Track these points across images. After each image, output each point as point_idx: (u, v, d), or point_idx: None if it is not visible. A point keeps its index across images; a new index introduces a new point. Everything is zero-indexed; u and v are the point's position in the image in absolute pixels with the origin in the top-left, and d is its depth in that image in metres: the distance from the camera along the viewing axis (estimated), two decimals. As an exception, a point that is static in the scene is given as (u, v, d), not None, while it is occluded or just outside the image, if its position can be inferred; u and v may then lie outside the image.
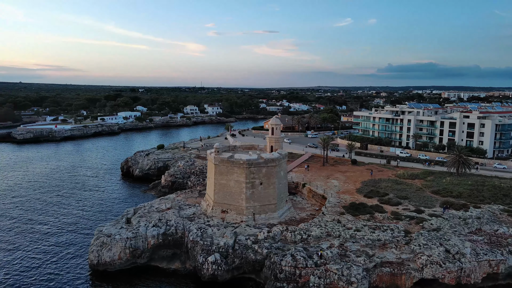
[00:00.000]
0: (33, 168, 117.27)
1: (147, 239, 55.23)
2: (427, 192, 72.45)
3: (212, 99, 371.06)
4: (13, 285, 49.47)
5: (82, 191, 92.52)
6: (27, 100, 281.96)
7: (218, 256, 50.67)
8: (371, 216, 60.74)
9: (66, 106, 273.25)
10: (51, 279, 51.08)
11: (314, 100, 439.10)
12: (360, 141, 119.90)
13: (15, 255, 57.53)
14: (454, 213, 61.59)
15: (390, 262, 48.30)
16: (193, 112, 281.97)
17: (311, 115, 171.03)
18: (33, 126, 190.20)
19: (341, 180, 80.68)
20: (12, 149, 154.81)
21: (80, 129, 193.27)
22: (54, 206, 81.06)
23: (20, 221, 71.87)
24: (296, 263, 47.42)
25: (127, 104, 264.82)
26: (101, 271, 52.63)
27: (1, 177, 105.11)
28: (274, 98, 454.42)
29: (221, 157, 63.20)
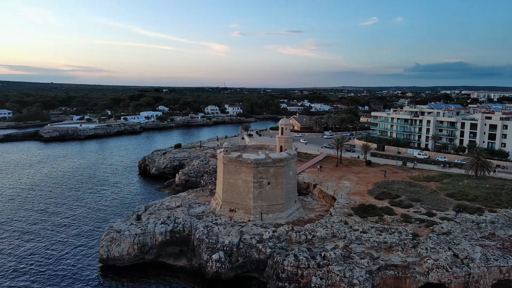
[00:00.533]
0: (57, 165, 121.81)
1: (155, 236, 56.53)
2: (442, 195, 70.57)
3: (233, 99, 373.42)
4: (26, 273, 51.75)
5: (100, 188, 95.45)
6: (56, 100, 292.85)
7: (222, 254, 51.29)
8: (380, 218, 59.83)
9: (92, 106, 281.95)
10: (62, 269, 53.17)
11: (336, 100, 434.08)
12: (377, 142, 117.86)
13: (32, 245, 60.14)
14: (467, 217, 59.79)
15: (395, 265, 47.47)
16: (214, 112, 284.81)
17: (329, 115, 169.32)
18: (59, 125, 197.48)
19: (353, 181, 79.74)
20: (39, 146, 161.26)
21: (103, 128, 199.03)
22: (73, 201, 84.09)
23: (40, 214, 74.98)
24: (299, 263, 47.42)
25: (149, 104, 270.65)
26: (110, 265, 54.28)
27: (27, 173, 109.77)
28: (296, 98, 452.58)
29: (229, 157, 63.84)
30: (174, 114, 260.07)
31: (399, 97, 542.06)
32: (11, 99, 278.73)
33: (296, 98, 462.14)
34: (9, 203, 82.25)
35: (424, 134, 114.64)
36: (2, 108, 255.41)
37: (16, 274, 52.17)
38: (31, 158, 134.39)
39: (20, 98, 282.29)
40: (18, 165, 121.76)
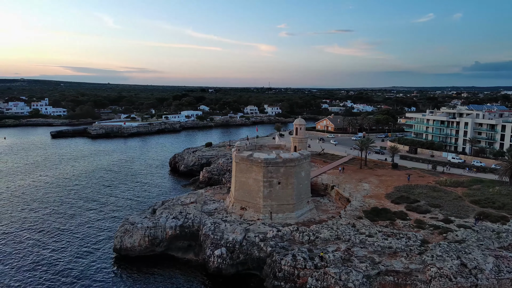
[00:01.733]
0: (97, 160, 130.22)
1: (166, 229, 59.09)
2: (466, 202, 66.67)
3: (274, 99, 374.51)
4: (49, 250, 56.45)
5: (131, 182, 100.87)
6: (106, 99, 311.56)
7: (224, 251, 52.55)
8: (391, 222, 57.93)
9: (138, 105, 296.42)
10: (81, 255, 57.34)
11: (381, 101, 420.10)
12: (409, 145, 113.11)
13: (57, 233, 65.28)
14: (488, 226, 56.17)
15: (396, 271, 45.94)
16: (253, 112, 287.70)
17: (364, 116, 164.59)
18: (105, 122, 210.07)
19: (373, 184, 77.58)
20: (86, 142, 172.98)
21: (145, 126, 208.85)
22: (104, 194, 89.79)
23: (72, 205, 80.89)
24: (296, 263, 47.45)
25: (190, 103, 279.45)
26: (123, 255, 57.61)
27: (70, 166, 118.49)
28: (339, 99, 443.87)
29: (241, 155, 64.98)
30: (214, 114, 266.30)
31: (453, 97, 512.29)
32: (67, 99, 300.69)
33: (339, 98, 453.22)
34: (49, 192, 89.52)
35: (461, 137, 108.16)
36: (59, 106, 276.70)
37: (39, 249, 57.04)
38: (76, 153, 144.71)
39: (75, 98, 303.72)
40: (64, 159, 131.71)
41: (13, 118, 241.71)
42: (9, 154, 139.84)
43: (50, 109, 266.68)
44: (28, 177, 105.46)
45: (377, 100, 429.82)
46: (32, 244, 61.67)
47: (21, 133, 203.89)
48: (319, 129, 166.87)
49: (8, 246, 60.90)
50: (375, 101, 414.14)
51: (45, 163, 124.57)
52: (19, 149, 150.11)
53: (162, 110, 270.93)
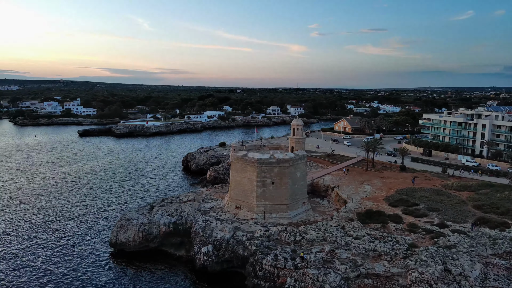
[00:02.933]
0: (117, 158, 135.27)
1: (160, 226, 60.87)
2: (468, 206, 64.23)
3: (298, 100, 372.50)
4: (51, 237, 59.65)
5: (144, 179, 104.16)
6: (134, 100, 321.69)
7: (211, 248, 53.56)
8: (383, 225, 56.82)
9: (164, 105, 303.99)
10: (80, 246, 60.18)
11: (410, 101, 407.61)
12: (424, 147, 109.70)
13: (62, 224, 68.68)
14: (486, 231, 53.97)
15: (377, 274, 45.24)
16: (275, 112, 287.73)
17: (382, 117, 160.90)
18: (129, 122, 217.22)
19: (375, 186, 76.15)
20: (109, 141, 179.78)
21: (167, 126, 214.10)
22: (117, 189, 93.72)
23: (83, 199, 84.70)
24: (276, 263, 47.73)
25: (213, 104, 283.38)
26: (118, 249, 59.90)
27: (90, 163, 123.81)
28: (366, 99, 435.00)
29: (236, 155, 65.81)
30: (236, 114, 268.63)
31: (490, 98, 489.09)
32: (97, 99, 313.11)
33: (366, 99, 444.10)
34: (65, 186, 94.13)
35: (479, 139, 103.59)
36: (89, 106, 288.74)
37: (44, 234, 60.38)
38: (99, 150, 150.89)
39: (105, 98, 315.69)
40: (86, 156, 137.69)
41: (46, 117, 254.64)
42: (37, 151, 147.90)
43: (81, 109, 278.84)
44: (49, 172, 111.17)
45: (407, 101, 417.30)
46: (38, 229, 65.26)
47: (52, 131, 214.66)
48: (337, 130, 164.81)
49: (23, 232, 64.87)
50: (404, 102, 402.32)
51: (68, 160, 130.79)
52: (47, 147, 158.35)
53: (186, 110, 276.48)
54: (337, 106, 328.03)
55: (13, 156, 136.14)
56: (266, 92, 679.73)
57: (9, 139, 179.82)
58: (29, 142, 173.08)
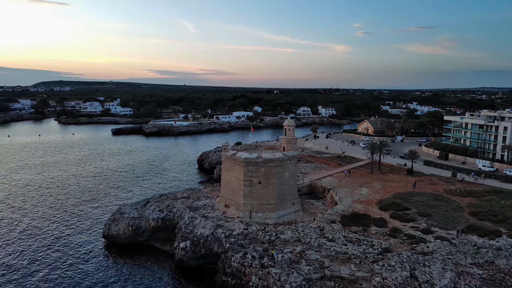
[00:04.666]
0: (141, 155, 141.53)
1: (149, 221, 63.56)
2: (464, 213, 61.05)
3: (333, 100, 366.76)
4: (55, 226, 64.29)
5: (158, 176, 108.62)
6: (169, 100, 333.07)
7: (189, 244, 55.24)
8: (364, 228, 55.64)
9: (197, 106, 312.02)
10: (77, 237, 64.30)
11: (454, 102, 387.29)
12: (441, 149, 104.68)
13: (70, 213, 73.55)
14: (473, 239, 51.31)
15: (341, 277, 44.59)
16: (305, 113, 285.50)
17: (406, 119, 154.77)
18: (159, 121, 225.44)
19: (373, 189, 74.26)
20: (138, 139, 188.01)
21: (195, 125, 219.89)
22: (131, 184, 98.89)
23: (98, 192, 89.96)
24: (244, 261, 48.43)
25: (243, 104, 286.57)
26: (110, 241, 63.34)
27: (115, 160, 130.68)
28: (404, 100, 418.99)
29: (225, 154, 67.15)
30: (266, 115, 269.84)
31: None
32: (135, 99, 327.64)
33: (405, 100, 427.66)
34: (84, 180, 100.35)
35: (500, 143, 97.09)
36: (126, 106, 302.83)
37: (48, 223, 65.22)
38: (127, 148, 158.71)
39: (142, 98, 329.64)
40: (113, 153, 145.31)
41: (86, 116, 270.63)
42: (71, 147, 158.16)
43: (119, 109, 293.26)
44: (74, 167, 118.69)
45: (449, 102, 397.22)
46: (43, 217, 70.48)
47: (89, 129, 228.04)
48: (360, 132, 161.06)
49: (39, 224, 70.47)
50: (447, 103, 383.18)
51: (95, 156, 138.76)
52: (81, 144, 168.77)
53: (217, 110, 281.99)
54: (371, 107, 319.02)
55: (48, 152, 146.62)
56: (304, 93, 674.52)
57: (50, 136, 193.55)
58: (66, 139, 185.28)
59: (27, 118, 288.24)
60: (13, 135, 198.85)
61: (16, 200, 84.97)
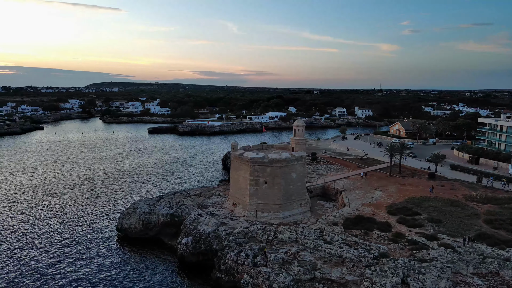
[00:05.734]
0: (170, 153, 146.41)
1: (158, 216, 66.07)
2: (480, 220, 57.66)
3: (370, 101, 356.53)
4: (75, 217, 68.74)
5: (182, 174, 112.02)
6: (206, 101, 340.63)
7: (191, 240, 56.84)
8: (366, 232, 54.37)
9: (232, 106, 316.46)
10: (93, 229, 68.26)
11: (506, 103, 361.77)
12: (472, 153, 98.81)
13: (99, 207, 78.10)
14: (480, 248, 48.54)
15: (331, 280, 44.01)
16: (341, 114, 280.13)
17: (440, 120, 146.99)
18: (192, 121, 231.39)
19: (387, 193, 72.02)
20: (172, 138, 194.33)
21: (228, 125, 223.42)
22: (154, 181, 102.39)
23: (125, 188, 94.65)
24: (237, 259, 49.13)
25: (277, 105, 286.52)
26: (123, 234, 66.58)
27: (144, 157, 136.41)
28: (450, 101, 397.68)
29: (234, 154, 68.19)
30: (300, 115, 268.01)
31: None
32: (173, 99, 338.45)
33: (451, 101, 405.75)
34: (109, 177, 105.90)
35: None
36: (165, 106, 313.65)
37: (68, 212, 69.86)
38: (159, 146, 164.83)
39: (180, 99, 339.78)
40: (145, 151, 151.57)
41: (127, 115, 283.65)
42: (108, 145, 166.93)
43: (158, 109, 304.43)
44: (104, 164, 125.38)
45: (501, 103, 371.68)
46: (62, 208, 75.45)
47: (129, 128, 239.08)
48: (392, 134, 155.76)
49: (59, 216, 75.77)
50: (497, 104, 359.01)
51: (128, 153, 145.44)
52: (119, 142, 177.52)
53: (251, 111, 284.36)
54: (412, 108, 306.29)
55: (87, 149, 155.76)
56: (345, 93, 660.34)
57: (92, 134, 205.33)
58: (106, 137, 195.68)
59: (75, 117, 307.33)
60: (59, 132, 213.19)
61: (49, 190, 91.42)
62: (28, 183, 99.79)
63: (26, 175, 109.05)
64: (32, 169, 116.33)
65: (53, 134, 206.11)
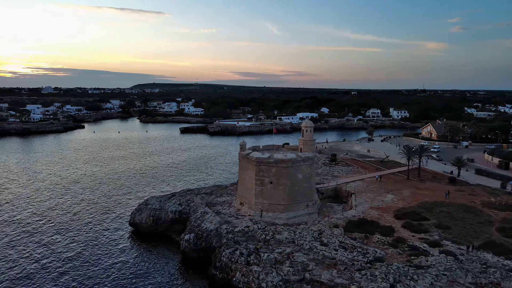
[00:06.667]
0: (197, 152, 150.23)
1: (167, 213, 68.27)
2: (492, 228, 54.47)
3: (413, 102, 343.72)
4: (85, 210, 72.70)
5: (201, 172, 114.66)
6: (239, 101, 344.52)
7: (193, 236, 58.33)
8: (366, 236, 53.11)
9: (265, 107, 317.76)
10: (108, 223, 71.79)
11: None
12: (503, 158, 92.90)
13: (120, 202, 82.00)
14: (485, 257, 45.96)
15: (320, 282, 43.63)
16: (375, 115, 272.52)
17: (474, 122, 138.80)
18: (223, 121, 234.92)
19: (400, 197, 69.69)
20: (202, 138, 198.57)
21: (257, 126, 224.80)
22: (173, 178, 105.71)
23: (147, 184, 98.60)
24: (232, 257, 49.85)
25: (309, 105, 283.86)
26: (135, 229, 69.46)
27: (171, 155, 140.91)
28: (497, 103, 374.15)
29: (241, 153, 68.98)
30: (332, 116, 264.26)
31: None
32: (208, 100, 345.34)
33: (498, 102, 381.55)
34: (132, 174, 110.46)
35: None
36: (199, 107, 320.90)
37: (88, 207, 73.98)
38: (187, 145, 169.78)
39: (214, 100, 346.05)
40: (173, 150, 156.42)
41: (163, 115, 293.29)
42: (140, 143, 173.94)
43: (192, 109, 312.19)
44: (134, 161, 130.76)
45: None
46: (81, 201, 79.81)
47: (163, 127, 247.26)
48: (423, 136, 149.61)
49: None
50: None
51: (157, 152, 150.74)
52: (150, 140, 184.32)
53: (283, 111, 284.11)
54: (453, 109, 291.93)
55: (119, 147, 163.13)
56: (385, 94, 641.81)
57: (127, 133, 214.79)
58: (140, 136, 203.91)
59: (115, 116, 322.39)
60: (98, 131, 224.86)
61: (75, 186, 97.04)
62: (60, 178, 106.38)
63: (59, 170, 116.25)
64: (66, 165, 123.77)
65: (92, 132, 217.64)
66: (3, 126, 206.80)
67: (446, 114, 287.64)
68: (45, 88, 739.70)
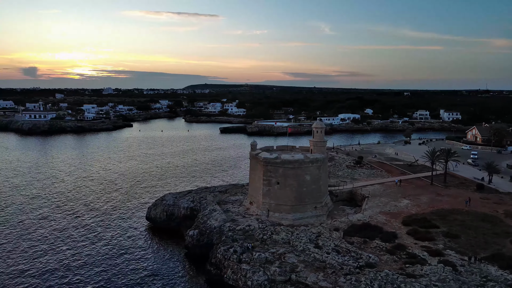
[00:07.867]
0: (229, 151, 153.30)
1: (180, 209, 70.94)
2: (507, 240, 50.33)
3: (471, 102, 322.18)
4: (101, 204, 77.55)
5: (230, 172, 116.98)
6: (281, 102, 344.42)
7: (196, 232, 60.18)
8: (365, 241, 51.58)
9: (307, 107, 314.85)
10: (126, 217, 76.07)
11: None
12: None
13: (143, 198, 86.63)
14: (487, 270, 42.83)
15: (306, 284, 43.37)
16: (422, 117, 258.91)
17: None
18: (261, 122, 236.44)
19: (416, 202, 66.46)
20: (239, 138, 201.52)
21: (295, 127, 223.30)
22: (198, 176, 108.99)
23: (173, 181, 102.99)
24: (225, 254, 50.90)
25: (352, 106, 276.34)
26: (150, 223, 72.97)
27: (203, 155, 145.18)
28: None
29: (252, 153, 69.73)
30: (375, 118, 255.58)
31: None
32: (250, 101, 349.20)
33: None
34: (160, 171, 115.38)
35: None
36: (241, 107, 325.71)
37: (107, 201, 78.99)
38: (221, 144, 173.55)
39: (257, 100, 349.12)
40: (206, 149, 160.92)
41: (206, 115, 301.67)
42: (179, 142, 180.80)
43: (235, 109, 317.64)
44: (167, 159, 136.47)
45: None
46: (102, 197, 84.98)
47: (205, 127, 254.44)
48: (467, 140, 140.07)
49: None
50: None
51: (190, 150, 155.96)
52: (189, 140, 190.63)
53: (325, 112, 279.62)
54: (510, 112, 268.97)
55: (158, 145, 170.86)
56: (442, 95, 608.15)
57: (170, 132, 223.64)
58: (181, 135, 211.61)
59: (162, 116, 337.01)
60: (143, 130, 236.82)
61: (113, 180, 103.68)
62: (99, 173, 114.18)
63: (100, 165, 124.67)
64: (107, 161, 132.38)
65: (138, 131, 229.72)
66: (60, 124, 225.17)
67: (505, 117, 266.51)
68: (106, 89, 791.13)
